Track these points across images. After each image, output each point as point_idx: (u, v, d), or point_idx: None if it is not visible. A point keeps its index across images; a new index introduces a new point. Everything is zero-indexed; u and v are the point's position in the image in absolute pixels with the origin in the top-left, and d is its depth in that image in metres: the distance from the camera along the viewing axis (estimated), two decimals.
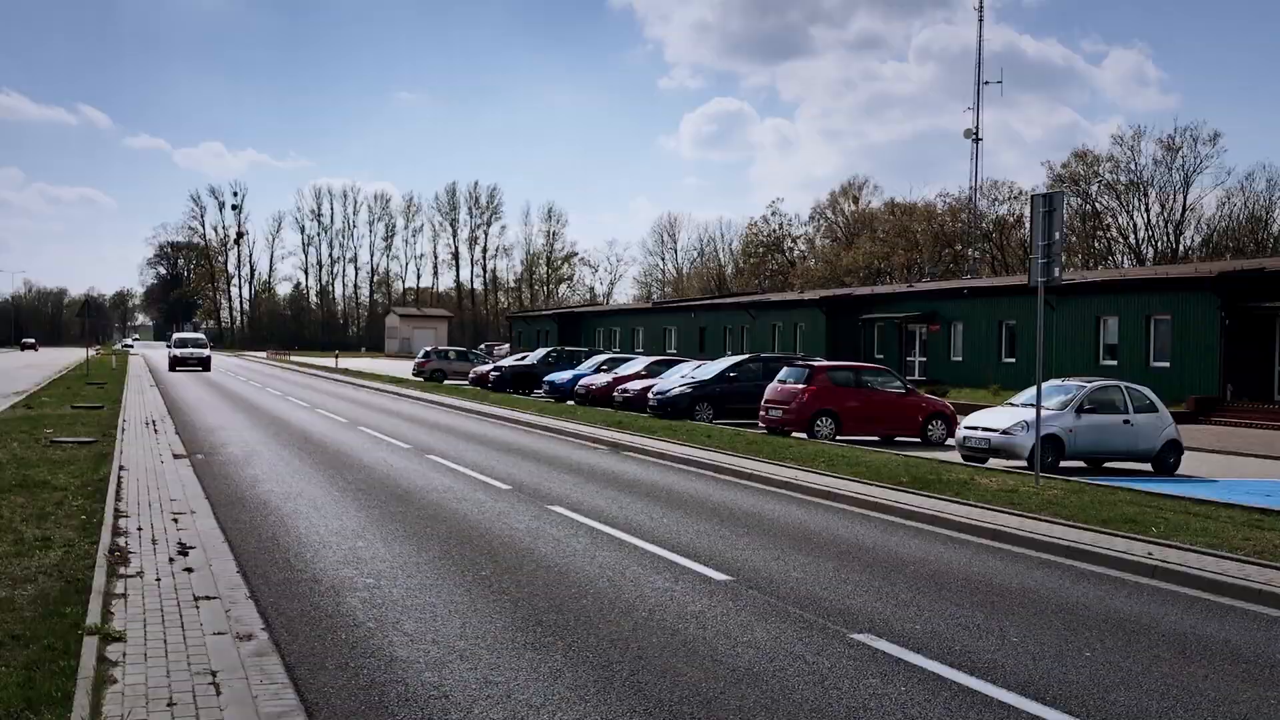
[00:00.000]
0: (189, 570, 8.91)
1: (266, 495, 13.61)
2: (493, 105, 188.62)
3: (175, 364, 57.36)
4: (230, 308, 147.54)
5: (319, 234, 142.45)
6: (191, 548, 9.83)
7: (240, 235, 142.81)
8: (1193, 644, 7.69)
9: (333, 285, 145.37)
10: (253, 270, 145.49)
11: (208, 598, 8.02)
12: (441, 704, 6.00)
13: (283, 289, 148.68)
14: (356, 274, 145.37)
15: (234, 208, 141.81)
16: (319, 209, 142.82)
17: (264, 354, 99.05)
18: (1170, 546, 10.74)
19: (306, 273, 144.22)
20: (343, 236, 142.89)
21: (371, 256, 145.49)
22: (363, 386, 43.81)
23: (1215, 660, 7.29)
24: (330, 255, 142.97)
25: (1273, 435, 28.12)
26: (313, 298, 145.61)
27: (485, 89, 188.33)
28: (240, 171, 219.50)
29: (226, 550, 9.93)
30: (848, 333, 50.60)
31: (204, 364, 57.25)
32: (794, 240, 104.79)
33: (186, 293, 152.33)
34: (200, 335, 68.50)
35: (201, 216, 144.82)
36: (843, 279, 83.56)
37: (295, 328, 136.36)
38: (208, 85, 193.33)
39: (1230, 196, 77.03)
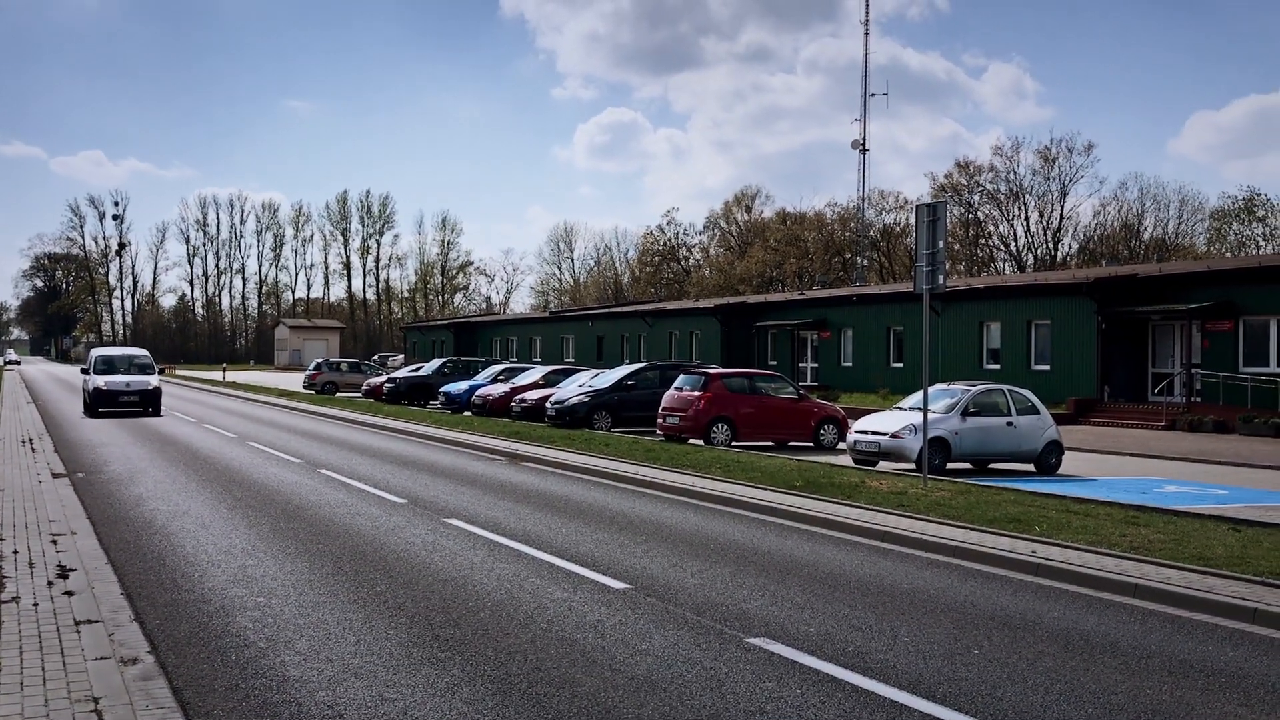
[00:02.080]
0: (69, 594, 8.58)
1: (152, 514, 13.20)
2: (384, 114, 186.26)
3: (101, 403, 31.89)
4: (112, 321, 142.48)
5: (205, 244, 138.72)
6: (72, 570, 9.47)
7: (122, 246, 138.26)
8: (1075, 639, 7.97)
9: (219, 297, 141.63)
10: (135, 282, 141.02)
11: (90, 621, 7.74)
12: None
13: (167, 301, 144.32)
14: (244, 285, 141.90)
15: (115, 218, 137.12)
16: (204, 219, 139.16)
17: None
18: (1053, 544, 11.11)
19: (192, 284, 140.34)
20: (229, 247, 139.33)
21: (260, 267, 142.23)
22: (252, 400, 42.77)
23: (1096, 654, 7.56)
24: (217, 266, 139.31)
25: (1147, 434, 29.30)
26: (199, 310, 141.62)
27: (376, 97, 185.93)
28: (121, 181, 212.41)
29: (110, 572, 9.60)
30: (742, 340, 51.20)
31: (148, 401, 32.31)
32: (689, 249, 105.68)
33: (65, 305, 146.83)
34: (141, 351, 37.22)
35: (81, 227, 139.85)
36: (737, 287, 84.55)
37: (181, 341, 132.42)
38: (87, 93, 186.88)
39: (1105, 205, 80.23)
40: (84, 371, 34.51)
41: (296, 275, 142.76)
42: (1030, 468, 20.28)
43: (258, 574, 9.71)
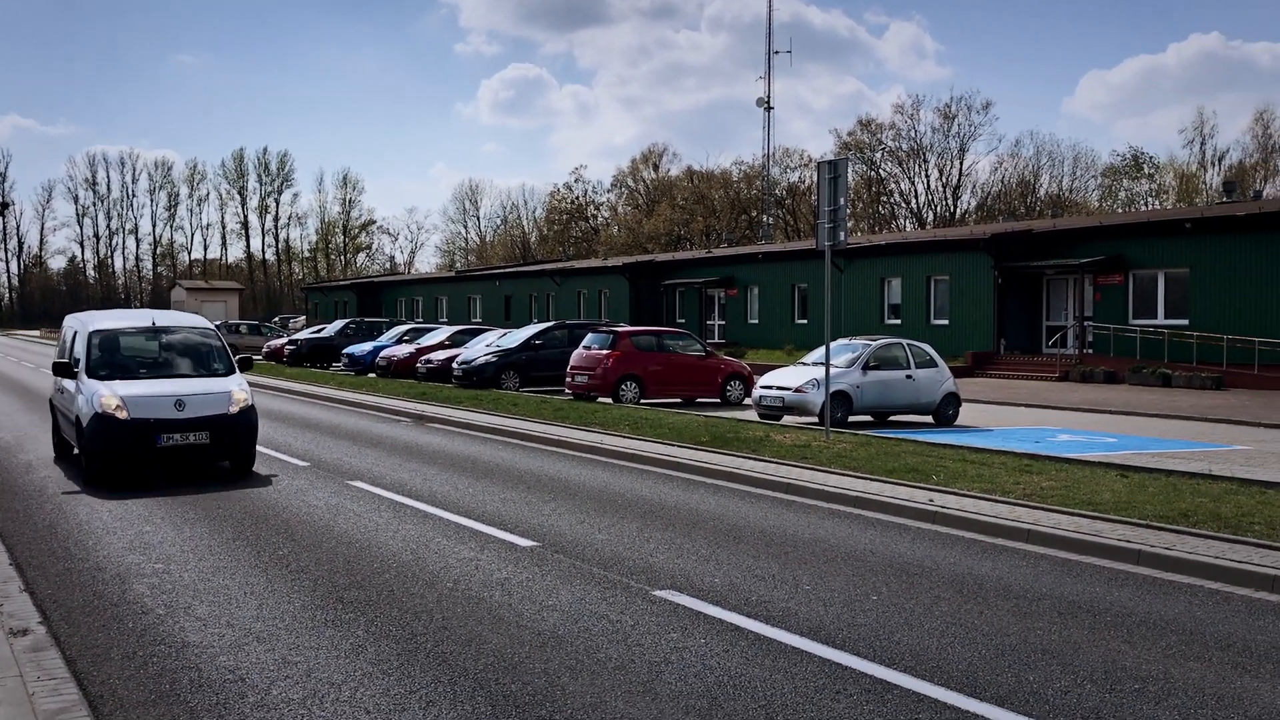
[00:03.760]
0: None
1: (43, 481, 12.80)
2: (280, 69, 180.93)
3: (116, 450, 12.42)
4: None
5: (95, 204, 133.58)
6: None
7: (5, 205, 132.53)
8: (969, 583, 8.22)
9: (112, 258, 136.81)
10: (21, 243, 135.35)
11: None
12: (238, 687, 5.82)
13: (56, 263, 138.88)
14: (138, 246, 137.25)
15: None
16: (94, 178, 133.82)
17: (37, 333, 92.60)
18: (949, 493, 11.43)
19: (82, 245, 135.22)
20: (121, 206, 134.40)
21: (154, 227, 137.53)
22: None
23: (989, 597, 7.82)
24: (108, 226, 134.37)
25: (1041, 385, 30.22)
26: (90, 271, 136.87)
27: (271, 52, 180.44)
28: (3, 138, 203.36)
29: None
30: (651, 298, 51.33)
31: (231, 442, 12.98)
32: (597, 208, 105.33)
33: None
34: (189, 318, 15.45)
35: None
36: (645, 245, 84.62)
37: (72, 304, 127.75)
38: None
39: (1002, 162, 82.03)
40: (63, 368, 13.79)
41: (192, 235, 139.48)
42: (929, 419, 20.78)
43: (155, 540, 9.50)
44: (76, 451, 13.55)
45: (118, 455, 12.41)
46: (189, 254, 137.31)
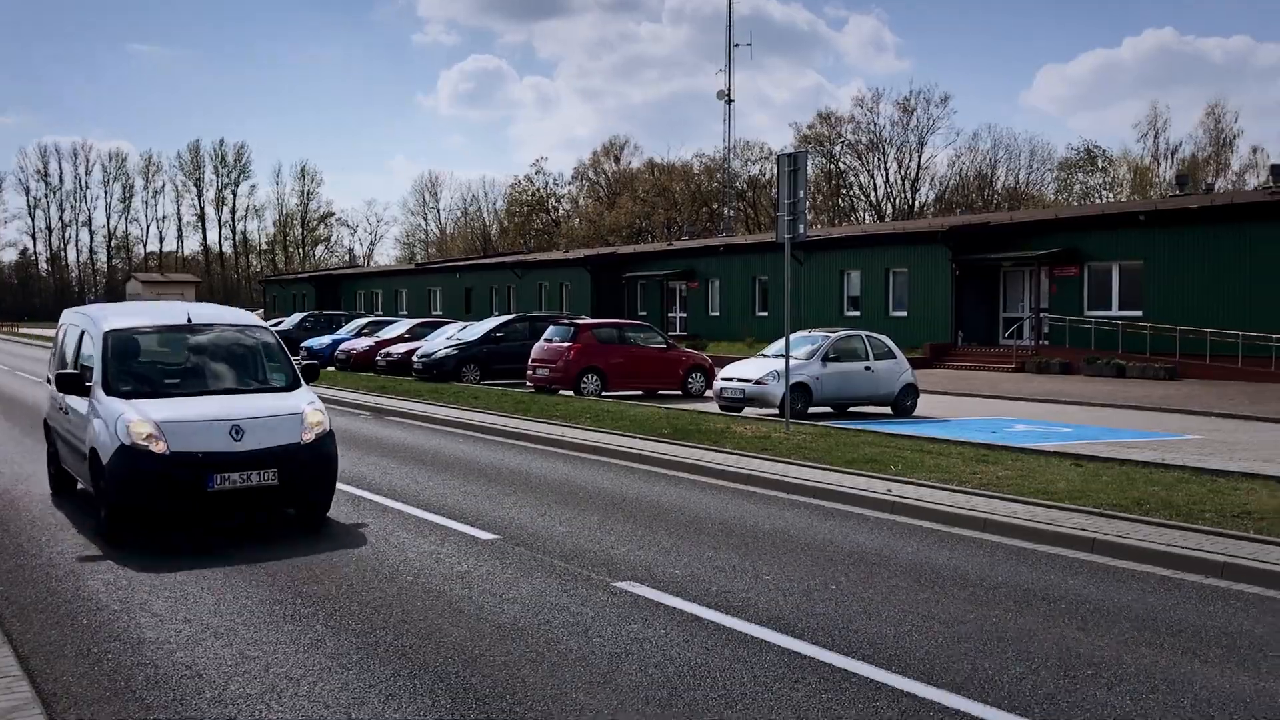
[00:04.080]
0: None
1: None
2: (238, 59, 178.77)
3: (147, 494, 8.94)
4: None
5: (47, 196, 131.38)
6: None
7: None
8: (926, 573, 8.31)
9: (65, 251, 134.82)
10: None
11: None
12: (194, 683, 5.77)
13: (7, 255, 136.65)
14: (92, 238, 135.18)
15: None
16: (45, 169, 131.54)
17: None
18: (907, 483, 11.53)
19: (34, 237, 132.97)
20: (75, 198, 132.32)
21: (108, 219, 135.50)
22: None
23: (946, 586, 7.90)
24: (61, 219, 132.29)
25: (998, 376, 30.54)
26: (42, 264, 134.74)
27: (229, 42, 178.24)
28: None
29: None
30: (612, 291, 51.29)
31: (299, 484, 9.43)
32: (558, 200, 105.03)
33: None
34: (234, 313, 11.70)
35: None
36: (606, 238, 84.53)
37: (24, 297, 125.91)
38: None
39: (960, 156, 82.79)
40: (70, 382, 10.09)
41: (148, 228, 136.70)
42: (888, 410, 20.93)
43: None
44: (82, 486, 10.79)
45: (153, 505, 8.99)
46: (145, 246, 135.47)
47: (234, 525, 9.83)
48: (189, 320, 10.54)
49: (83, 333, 10.81)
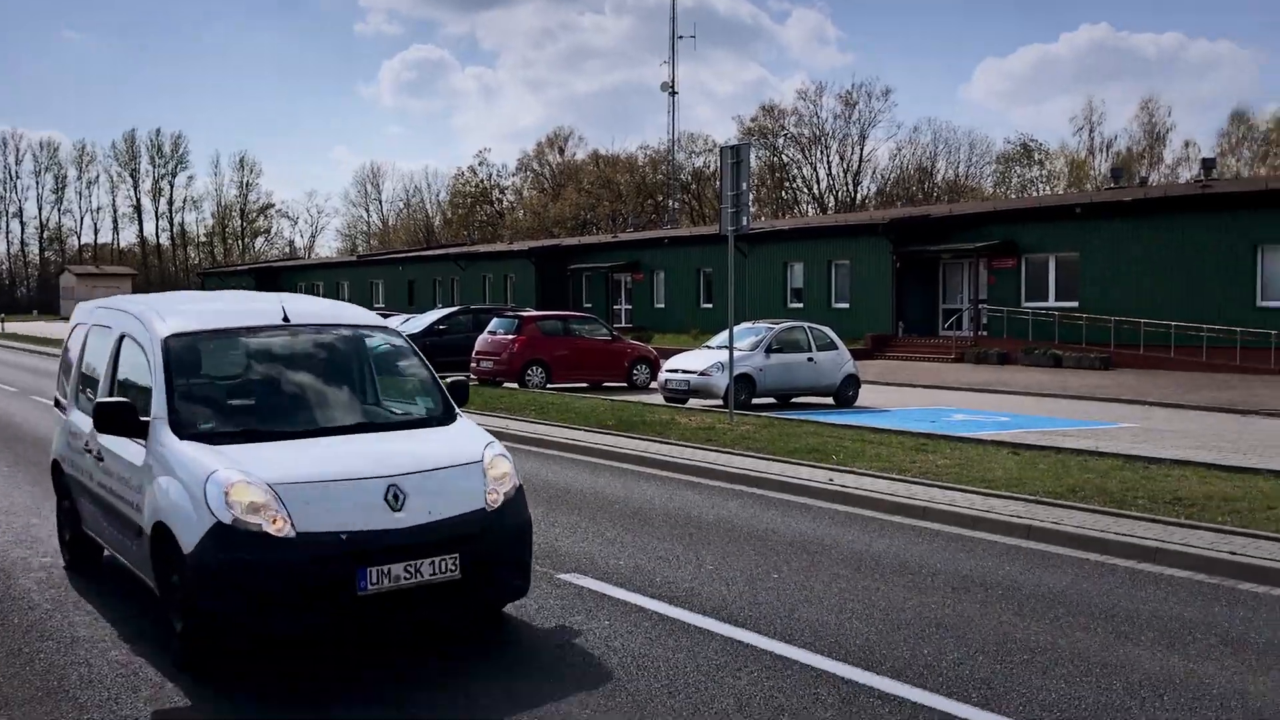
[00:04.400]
0: None
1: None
2: (174, 47, 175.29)
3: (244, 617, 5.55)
4: None
5: None
6: None
7: None
8: (868, 560, 8.40)
9: None
10: None
11: None
12: (131, 681, 5.68)
13: None
14: (23, 229, 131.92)
15: None
16: None
17: None
18: (849, 472, 11.65)
19: None
20: (4, 189, 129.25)
21: (40, 210, 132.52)
22: (36, 353, 40.17)
23: (886, 574, 8.00)
24: None
25: (938, 366, 30.94)
26: None
27: (165, 29, 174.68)
28: None
29: None
30: (557, 283, 51.18)
31: (486, 568, 6.14)
32: (502, 191, 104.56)
33: None
34: (350, 309, 8.07)
35: None
36: (551, 230, 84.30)
37: None
38: None
39: (901, 149, 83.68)
40: (115, 416, 6.30)
41: (82, 219, 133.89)
42: (830, 401, 21.13)
43: (44, 534, 9.18)
44: (108, 553, 7.54)
45: (269, 621, 5.61)
46: (79, 238, 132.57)
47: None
48: (285, 318, 7.08)
49: (122, 337, 7.22)
